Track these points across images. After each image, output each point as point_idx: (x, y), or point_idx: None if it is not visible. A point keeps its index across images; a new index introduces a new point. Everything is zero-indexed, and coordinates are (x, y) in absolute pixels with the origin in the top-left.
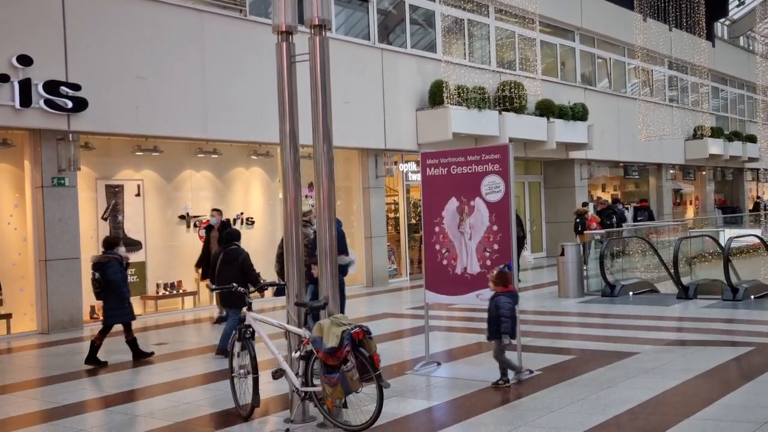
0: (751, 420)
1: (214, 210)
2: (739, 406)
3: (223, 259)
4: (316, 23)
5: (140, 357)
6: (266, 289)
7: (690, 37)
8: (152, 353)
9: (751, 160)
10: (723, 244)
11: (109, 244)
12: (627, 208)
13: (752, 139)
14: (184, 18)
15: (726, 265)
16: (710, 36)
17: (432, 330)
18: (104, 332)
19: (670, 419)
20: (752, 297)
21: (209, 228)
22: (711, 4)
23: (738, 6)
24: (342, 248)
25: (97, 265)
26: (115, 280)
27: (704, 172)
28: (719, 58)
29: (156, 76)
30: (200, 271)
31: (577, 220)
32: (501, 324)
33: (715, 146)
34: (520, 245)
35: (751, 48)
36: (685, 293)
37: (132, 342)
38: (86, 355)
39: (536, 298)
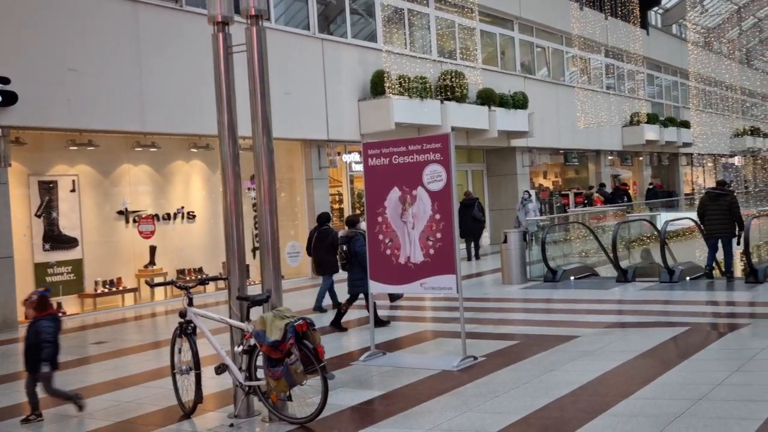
0: (686, 397)
1: None
2: (676, 384)
3: (318, 237)
4: (253, 13)
5: (339, 328)
6: (208, 283)
7: (625, 25)
8: (388, 322)
9: (686, 145)
10: (660, 228)
11: (352, 222)
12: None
13: (686, 124)
14: (118, 9)
15: (662, 249)
16: (644, 24)
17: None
18: (351, 301)
19: (610, 400)
20: (688, 278)
21: None
22: None
23: None
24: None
25: (344, 239)
26: (360, 252)
27: (641, 158)
28: (653, 46)
29: (89, 68)
30: None
31: (585, 202)
32: (42, 351)
33: (651, 132)
34: (481, 228)
35: (683, 36)
36: (624, 277)
37: (341, 313)
38: (332, 320)
39: (480, 285)
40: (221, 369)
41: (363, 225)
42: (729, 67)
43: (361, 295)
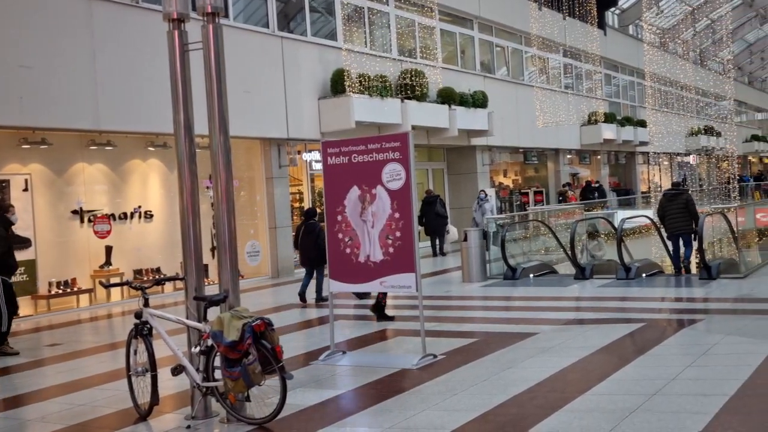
0: (641, 392)
1: None
2: (631, 379)
3: (305, 231)
4: (209, 11)
5: (385, 318)
6: (164, 283)
7: (583, 25)
8: (393, 317)
9: (642, 144)
10: (617, 226)
11: None
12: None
13: (642, 124)
14: (71, 4)
15: (619, 246)
16: (602, 25)
17: (337, 319)
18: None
19: (567, 396)
20: (644, 275)
21: None
22: None
23: None
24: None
25: None
26: None
27: (599, 156)
28: (611, 46)
29: (42, 65)
30: None
31: (560, 198)
32: None
33: (609, 131)
34: (444, 224)
35: (639, 36)
36: (582, 274)
37: (383, 305)
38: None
39: (441, 283)
40: (178, 370)
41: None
42: (683, 68)
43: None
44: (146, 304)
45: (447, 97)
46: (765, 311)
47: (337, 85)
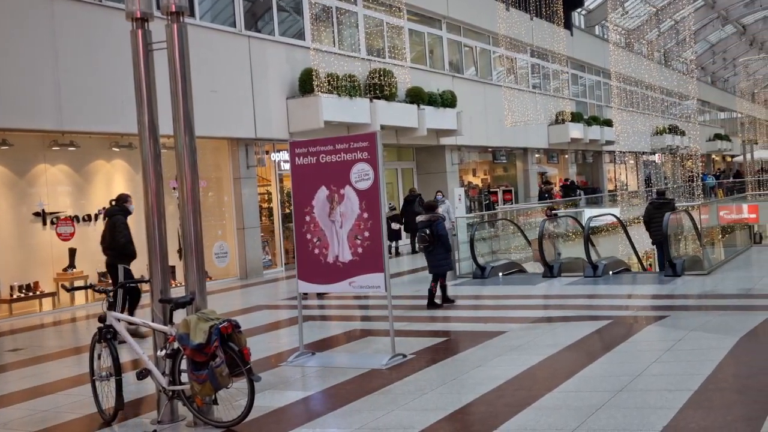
0: (607, 389)
1: None
2: (598, 376)
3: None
4: (174, 10)
5: (448, 302)
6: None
7: (550, 26)
8: (453, 301)
9: (609, 143)
10: (584, 224)
11: (431, 207)
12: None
13: (609, 123)
14: (33, 3)
15: (586, 244)
16: (568, 25)
17: (307, 320)
18: (435, 279)
19: (535, 393)
20: (611, 273)
21: None
22: None
23: None
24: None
25: (426, 223)
26: (443, 234)
27: (566, 155)
28: (577, 47)
29: (2, 65)
30: None
31: (546, 195)
32: None
33: (576, 130)
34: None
35: (605, 37)
36: (550, 272)
37: (444, 288)
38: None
39: (411, 282)
40: (143, 374)
41: (440, 209)
42: (648, 68)
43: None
44: (110, 307)
45: (416, 96)
46: (728, 307)
47: (306, 84)
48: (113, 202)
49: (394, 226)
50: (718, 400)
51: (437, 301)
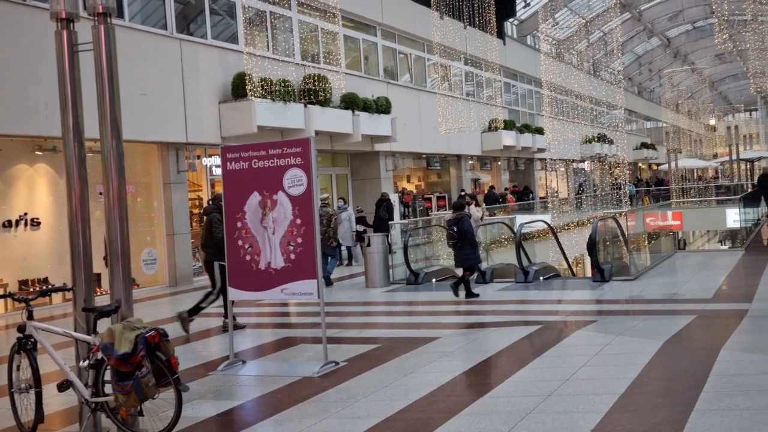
0: (537, 394)
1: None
2: (528, 381)
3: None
4: (101, 10)
5: (471, 296)
6: (50, 294)
7: (483, 35)
8: (478, 294)
9: (540, 150)
10: (516, 230)
11: (459, 206)
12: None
13: (540, 131)
14: None
15: (518, 250)
16: (501, 34)
17: (238, 328)
18: (471, 271)
19: (467, 399)
20: (541, 278)
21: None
22: (500, 5)
23: (524, 7)
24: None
25: (453, 221)
26: (469, 231)
27: (499, 162)
28: (510, 56)
29: None
30: None
31: (501, 200)
32: None
33: (509, 138)
34: (386, 226)
35: (537, 46)
36: (482, 278)
37: (467, 283)
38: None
39: (344, 288)
40: (65, 386)
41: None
42: (578, 77)
43: None
44: (30, 316)
45: (350, 102)
46: (653, 312)
47: (239, 89)
48: (210, 202)
49: (359, 227)
50: (643, 403)
51: (461, 294)
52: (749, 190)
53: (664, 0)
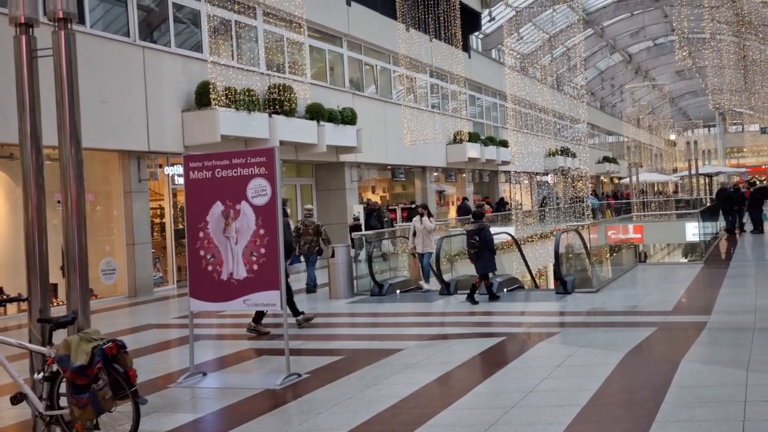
0: (500, 405)
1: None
2: (491, 393)
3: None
4: (61, 16)
5: (493, 299)
6: (4, 305)
7: (448, 48)
8: (499, 297)
9: (504, 163)
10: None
11: (479, 215)
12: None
13: (505, 144)
14: None
15: None
16: (466, 48)
17: (199, 339)
18: (482, 279)
19: (430, 411)
20: (505, 290)
21: None
22: (466, 18)
23: (489, 21)
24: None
25: (474, 231)
26: (490, 240)
27: (464, 174)
28: (475, 69)
29: None
30: None
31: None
32: None
33: (473, 150)
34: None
35: (501, 60)
36: (447, 289)
37: (489, 287)
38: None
39: (308, 300)
40: (18, 398)
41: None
42: (542, 91)
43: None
44: None
45: (316, 112)
46: (615, 324)
47: (202, 97)
48: None
49: (355, 235)
50: (605, 414)
51: (477, 298)
52: (708, 205)
53: (626, 17)
